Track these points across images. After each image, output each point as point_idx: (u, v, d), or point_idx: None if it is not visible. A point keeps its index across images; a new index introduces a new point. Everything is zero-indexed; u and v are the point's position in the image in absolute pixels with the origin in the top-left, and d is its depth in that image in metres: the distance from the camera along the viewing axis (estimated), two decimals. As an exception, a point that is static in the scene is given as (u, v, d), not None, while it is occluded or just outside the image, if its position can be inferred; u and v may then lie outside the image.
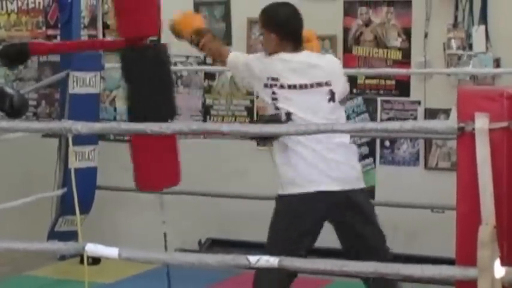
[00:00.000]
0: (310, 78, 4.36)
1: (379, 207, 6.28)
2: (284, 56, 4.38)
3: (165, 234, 5.33)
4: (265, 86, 4.37)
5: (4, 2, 7.32)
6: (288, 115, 4.32)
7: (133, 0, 4.99)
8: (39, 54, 6.16)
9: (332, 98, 4.38)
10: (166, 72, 5.14)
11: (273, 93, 4.36)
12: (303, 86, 4.35)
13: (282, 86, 4.34)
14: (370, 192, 6.38)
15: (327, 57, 4.86)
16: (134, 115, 4.95)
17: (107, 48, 6.18)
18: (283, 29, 4.40)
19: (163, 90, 5.08)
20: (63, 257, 6.12)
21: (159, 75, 5.03)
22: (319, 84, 4.36)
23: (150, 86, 4.98)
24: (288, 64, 4.37)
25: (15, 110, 4.75)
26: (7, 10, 7.33)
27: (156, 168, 5.10)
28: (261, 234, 6.44)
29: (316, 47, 4.91)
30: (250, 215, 6.49)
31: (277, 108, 4.35)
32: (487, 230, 2.76)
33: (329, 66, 4.49)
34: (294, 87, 4.35)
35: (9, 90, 4.97)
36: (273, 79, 4.35)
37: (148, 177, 5.13)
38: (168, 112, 5.05)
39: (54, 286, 5.83)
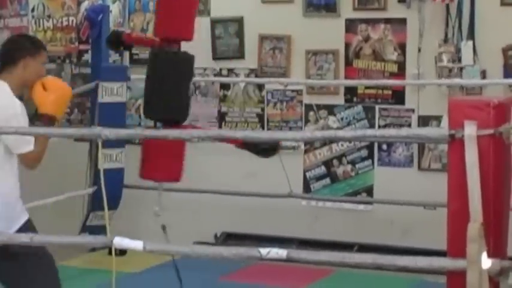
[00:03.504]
0: None
1: (377, 204, 6.31)
2: None
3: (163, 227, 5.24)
4: None
5: (41, 20, 7.34)
6: None
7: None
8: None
9: None
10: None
11: None
12: None
13: None
14: (368, 190, 6.40)
15: None
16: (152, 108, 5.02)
17: None
18: None
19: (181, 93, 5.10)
20: (93, 249, 6.13)
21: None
22: None
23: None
24: None
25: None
26: (44, 27, 7.34)
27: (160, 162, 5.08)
28: (270, 228, 6.46)
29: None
30: (261, 211, 6.49)
31: None
32: (475, 226, 2.75)
33: None
34: None
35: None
36: None
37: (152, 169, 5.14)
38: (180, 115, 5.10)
39: (85, 275, 5.83)
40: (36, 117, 3.92)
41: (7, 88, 3.86)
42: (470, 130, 2.78)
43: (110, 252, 3.26)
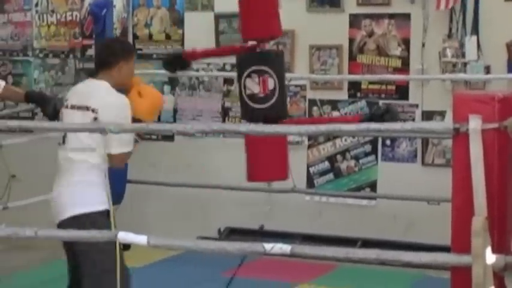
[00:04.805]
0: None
1: (381, 199, 6.30)
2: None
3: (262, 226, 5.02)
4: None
5: (45, 15, 7.33)
6: None
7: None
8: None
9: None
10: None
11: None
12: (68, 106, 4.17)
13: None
14: (372, 186, 6.39)
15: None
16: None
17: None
18: None
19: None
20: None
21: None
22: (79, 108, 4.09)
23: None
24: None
25: (58, 114, 4.73)
26: (47, 22, 7.33)
27: (266, 161, 4.97)
28: (274, 223, 6.45)
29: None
30: (265, 206, 6.48)
31: None
32: (479, 221, 2.74)
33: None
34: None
35: (49, 96, 4.95)
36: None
37: (258, 169, 5.02)
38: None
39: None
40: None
41: (110, 87, 4.09)
42: (475, 124, 2.77)
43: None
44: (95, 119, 3.97)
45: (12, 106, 6.74)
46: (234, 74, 6.64)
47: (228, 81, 6.73)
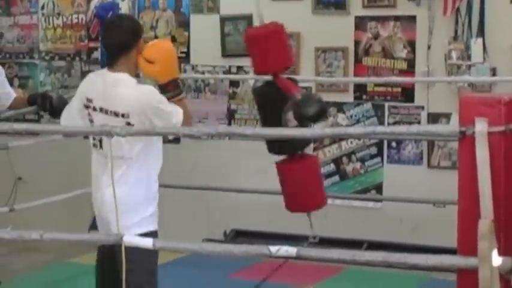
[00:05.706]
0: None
1: (387, 202, 6.29)
2: None
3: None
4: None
5: (51, 18, 7.35)
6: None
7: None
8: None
9: None
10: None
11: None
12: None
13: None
14: (378, 188, 6.39)
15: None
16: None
17: None
18: None
19: None
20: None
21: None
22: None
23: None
24: None
25: (55, 108, 4.74)
26: (53, 25, 7.35)
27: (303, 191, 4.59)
28: (280, 226, 6.45)
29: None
30: (270, 208, 6.47)
31: None
32: (486, 223, 2.73)
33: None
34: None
35: (50, 93, 4.98)
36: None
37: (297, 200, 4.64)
38: None
39: (94, 272, 5.83)
40: (161, 90, 3.85)
41: (130, 80, 3.84)
42: (481, 127, 2.76)
43: (119, 249, 3.24)
44: (128, 124, 3.78)
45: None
46: (239, 77, 6.68)
47: (233, 83, 6.74)
